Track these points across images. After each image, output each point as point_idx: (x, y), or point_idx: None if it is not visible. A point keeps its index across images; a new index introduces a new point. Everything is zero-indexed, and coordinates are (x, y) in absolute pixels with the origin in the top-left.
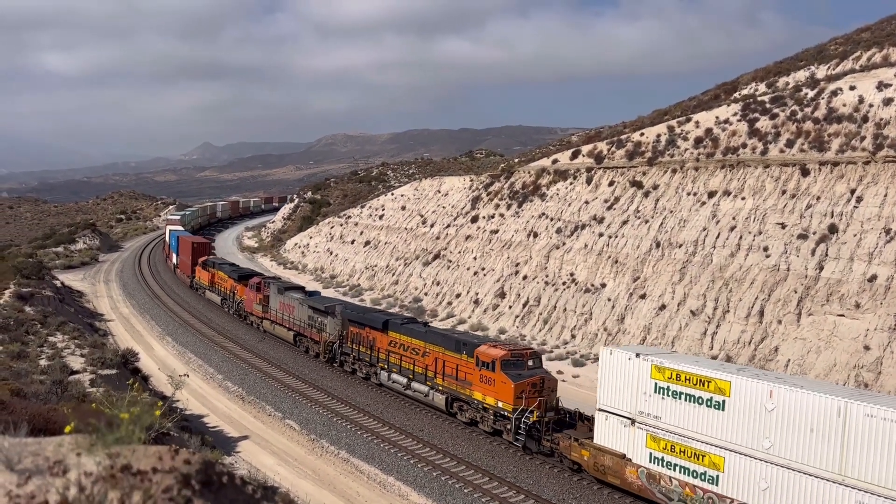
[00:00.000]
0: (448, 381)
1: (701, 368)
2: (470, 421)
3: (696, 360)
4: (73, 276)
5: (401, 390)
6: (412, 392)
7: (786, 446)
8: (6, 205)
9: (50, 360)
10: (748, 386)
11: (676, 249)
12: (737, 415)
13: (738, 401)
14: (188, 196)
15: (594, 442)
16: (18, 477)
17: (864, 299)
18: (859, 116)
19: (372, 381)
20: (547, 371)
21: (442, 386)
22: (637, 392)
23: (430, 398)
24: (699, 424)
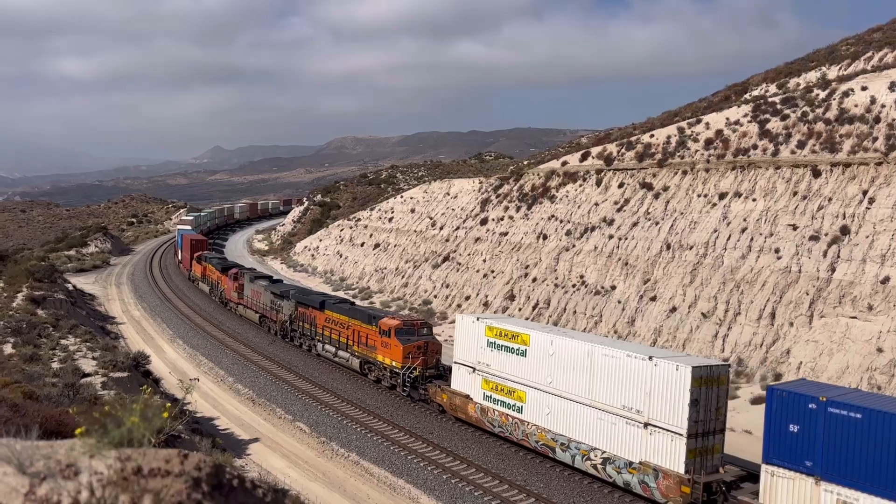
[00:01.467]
0: (361, 348)
1: (513, 326)
2: (376, 379)
3: (516, 320)
4: (85, 280)
5: (331, 358)
6: (339, 359)
7: (560, 381)
8: (19, 208)
9: (62, 362)
10: (539, 337)
11: (687, 251)
12: (533, 360)
13: (534, 349)
14: (199, 199)
15: (450, 388)
16: (31, 480)
17: (876, 301)
18: (871, 117)
19: (312, 352)
20: (433, 337)
21: (357, 352)
22: (476, 347)
23: (350, 363)
24: (512, 369)
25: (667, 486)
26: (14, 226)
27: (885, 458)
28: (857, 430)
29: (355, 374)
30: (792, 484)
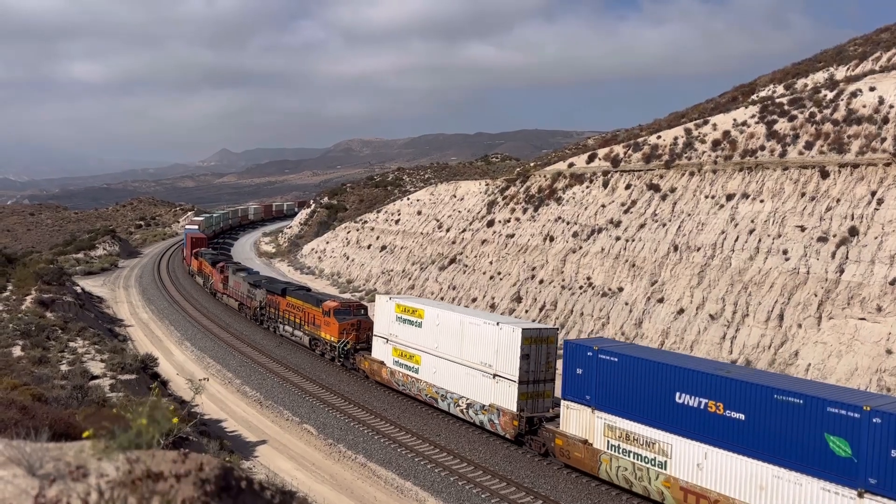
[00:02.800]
0: (310, 327)
1: (413, 303)
2: (321, 353)
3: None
4: (94, 282)
5: (289, 337)
6: (295, 337)
7: (443, 346)
8: (28, 211)
9: (70, 365)
10: (430, 311)
11: (695, 253)
12: (426, 330)
13: (427, 322)
14: (206, 202)
15: (371, 356)
16: (40, 482)
17: (885, 302)
18: (879, 117)
19: (277, 333)
20: (366, 317)
21: (307, 330)
22: (389, 321)
23: (302, 340)
24: (412, 338)
25: (504, 421)
26: (23, 229)
27: (630, 389)
28: (614, 370)
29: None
30: (578, 413)
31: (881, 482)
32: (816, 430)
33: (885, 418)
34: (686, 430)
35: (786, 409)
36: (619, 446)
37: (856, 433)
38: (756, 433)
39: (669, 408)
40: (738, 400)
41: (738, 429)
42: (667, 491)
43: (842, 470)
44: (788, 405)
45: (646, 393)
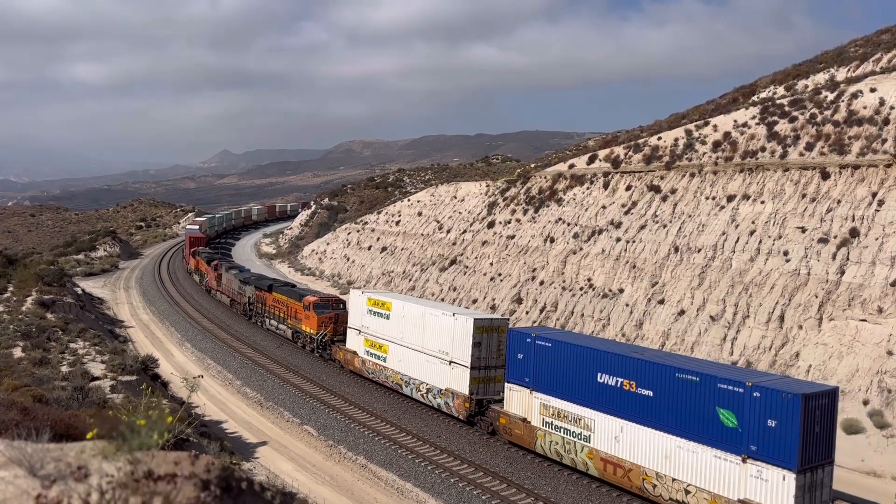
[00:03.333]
0: (292, 321)
1: (382, 296)
2: (303, 346)
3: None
4: (94, 283)
5: (274, 330)
6: (280, 331)
7: (407, 336)
8: (28, 213)
9: (71, 366)
10: (396, 304)
11: (695, 254)
12: (393, 322)
13: (394, 314)
14: (207, 203)
15: (345, 347)
16: (41, 482)
17: (886, 304)
18: (880, 119)
19: (263, 327)
20: (344, 310)
21: (290, 324)
22: (362, 314)
23: (286, 333)
24: (381, 329)
25: (457, 403)
26: (24, 230)
27: (561, 372)
28: (548, 354)
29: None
30: (519, 395)
31: (760, 448)
32: (710, 404)
33: (763, 392)
34: (606, 407)
35: (685, 386)
36: (552, 423)
37: (740, 406)
38: (662, 408)
39: (593, 387)
40: (647, 379)
41: (648, 404)
42: (590, 462)
43: (730, 439)
44: (688, 382)
45: (574, 374)
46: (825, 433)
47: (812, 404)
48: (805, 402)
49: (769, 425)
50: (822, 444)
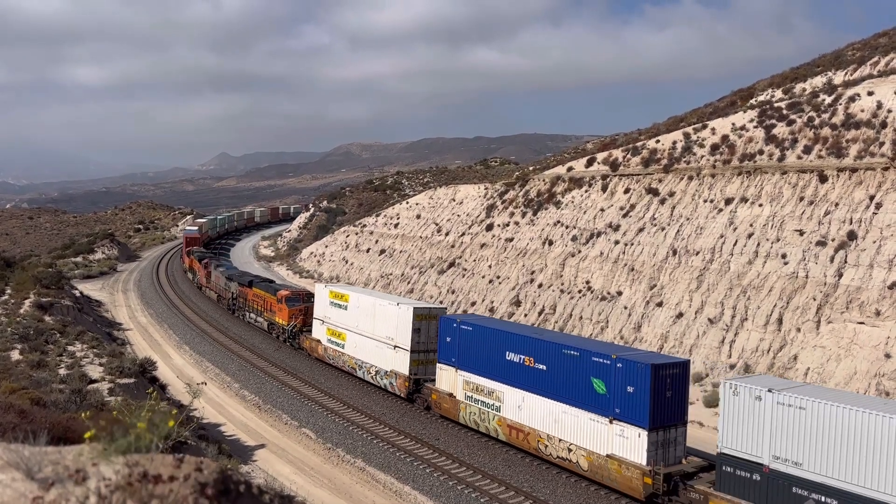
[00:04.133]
0: (268, 313)
1: (341, 289)
2: (277, 336)
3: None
4: (92, 286)
5: (253, 322)
6: (258, 323)
7: (361, 325)
8: (26, 215)
9: (69, 369)
10: (353, 296)
11: (693, 257)
12: (350, 312)
13: (351, 304)
14: (205, 206)
15: (311, 336)
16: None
17: (884, 307)
18: (878, 122)
19: (244, 319)
20: (311, 303)
21: (266, 316)
22: (325, 305)
23: (262, 325)
24: (340, 319)
25: (399, 383)
26: (22, 232)
27: (479, 352)
28: (469, 337)
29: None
30: (447, 373)
31: (622, 411)
32: (587, 375)
33: (624, 363)
34: (512, 381)
35: (569, 361)
36: (472, 396)
37: (608, 376)
38: (553, 380)
39: (503, 364)
40: (542, 355)
41: (542, 377)
42: (499, 428)
43: (600, 404)
44: (571, 357)
45: (488, 354)
46: (677, 398)
47: (662, 373)
48: (655, 371)
49: (628, 391)
50: (674, 407)
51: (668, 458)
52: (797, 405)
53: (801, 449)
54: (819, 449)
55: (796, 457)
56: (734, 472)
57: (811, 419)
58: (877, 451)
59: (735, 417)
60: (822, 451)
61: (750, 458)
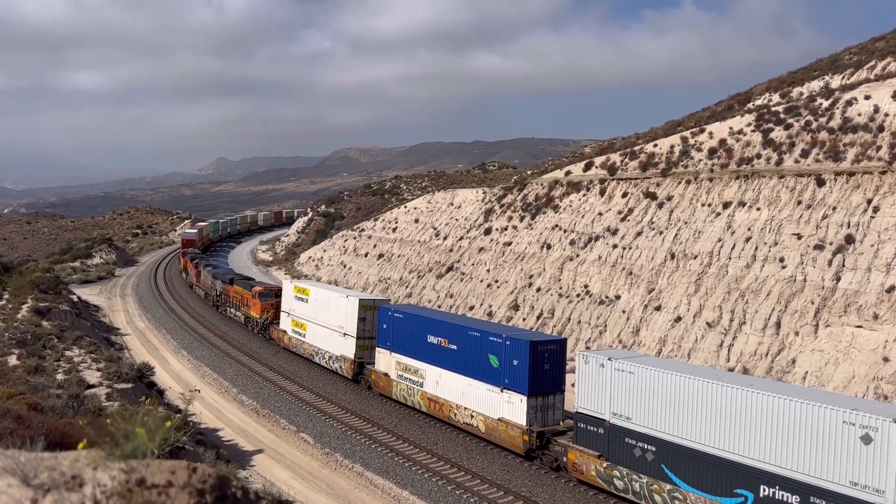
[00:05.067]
0: (244, 308)
1: (303, 284)
2: (252, 329)
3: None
4: (90, 291)
5: (233, 316)
6: (237, 318)
7: (319, 316)
8: (24, 220)
9: (66, 374)
10: (313, 290)
11: (691, 261)
12: (311, 305)
13: (312, 298)
14: (203, 210)
15: (279, 327)
16: (35, 491)
17: (882, 310)
18: (875, 126)
19: (226, 314)
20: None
21: (243, 311)
22: (290, 299)
23: (240, 319)
24: (303, 311)
25: (346, 366)
26: (19, 237)
27: (408, 336)
28: (400, 323)
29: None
30: (383, 356)
31: (510, 381)
32: (485, 352)
33: (511, 341)
34: (432, 360)
35: (473, 340)
36: (402, 375)
37: (500, 352)
38: (461, 358)
39: (425, 346)
40: (454, 337)
41: (454, 356)
42: (421, 401)
43: (495, 376)
44: (474, 337)
45: (414, 337)
46: (554, 371)
47: (540, 349)
48: (533, 347)
49: (514, 364)
50: (551, 378)
51: (547, 421)
52: (628, 370)
53: (631, 406)
54: (643, 406)
55: (628, 413)
56: (586, 428)
57: (637, 382)
58: (683, 407)
59: (586, 382)
60: (645, 408)
61: (596, 415)
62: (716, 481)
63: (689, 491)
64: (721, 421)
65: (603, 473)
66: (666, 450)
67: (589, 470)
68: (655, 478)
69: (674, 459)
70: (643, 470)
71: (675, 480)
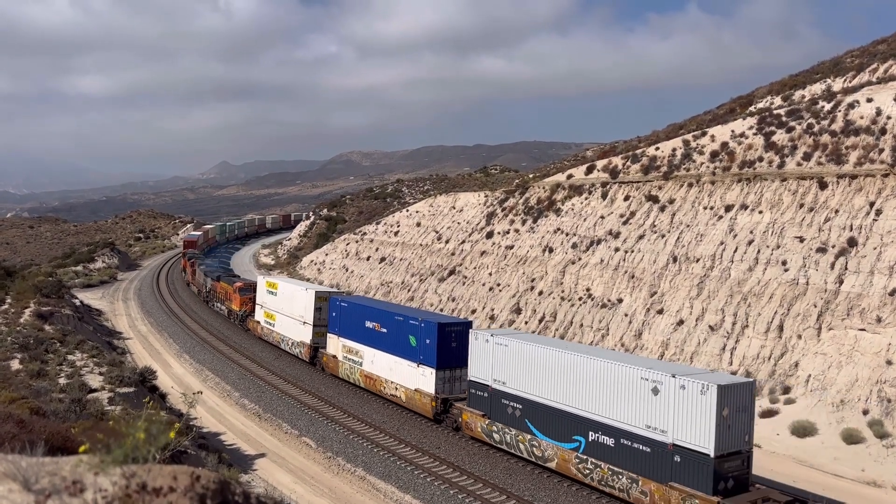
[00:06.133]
0: (227, 302)
1: (272, 279)
2: (233, 321)
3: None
4: (92, 295)
5: (219, 311)
6: (221, 311)
7: (285, 307)
8: (27, 224)
9: (69, 378)
10: (281, 285)
11: (694, 264)
12: (279, 298)
13: (280, 292)
14: (206, 214)
15: (254, 318)
16: (36, 497)
17: (885, 313)
18: (877, 129)
19: (213, 308)
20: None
21: (226, 304)
22: (263, 293)
23: (223, 312)
24: (273, 303)
25: (304, 351)
26: (22, 241)
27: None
28: (346, 311)
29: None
30: (333, 340)
31: (423, 358)
32: (407, 334)
33: (425, 324)
34: (368, 342)
35: (398, 324)
36: (346, 356)
37: (418, 333)
38: (389, 339)
39: (363, 330)
40: (384, 322)
41: (384, 338)
42: (360, 378)
43: (413, 354)
44: (398, 321)
45: (355, 323)
46: (460, 349)
47: (447, 330)
48: (440, 329)
49: (427, 343)
50: (458, 355)
51: (453, 390)
52: (504, 344)
53: (505, 373)
54: (513, 372)
55: (503, 378)
56: (476, 393)
57: (510, 353)
58: (537, 371)
59: (476, 355)
60: (515, 374)
61: (482, 382)
62: (560, 430)
63: (542, 439)
64: (561, 381)
65: (486, 429)
66: (528, 407)
67: (476, 427)
68: (521, 430)
69: (533, 414)
70: (513, 424)
71: (534, 431)
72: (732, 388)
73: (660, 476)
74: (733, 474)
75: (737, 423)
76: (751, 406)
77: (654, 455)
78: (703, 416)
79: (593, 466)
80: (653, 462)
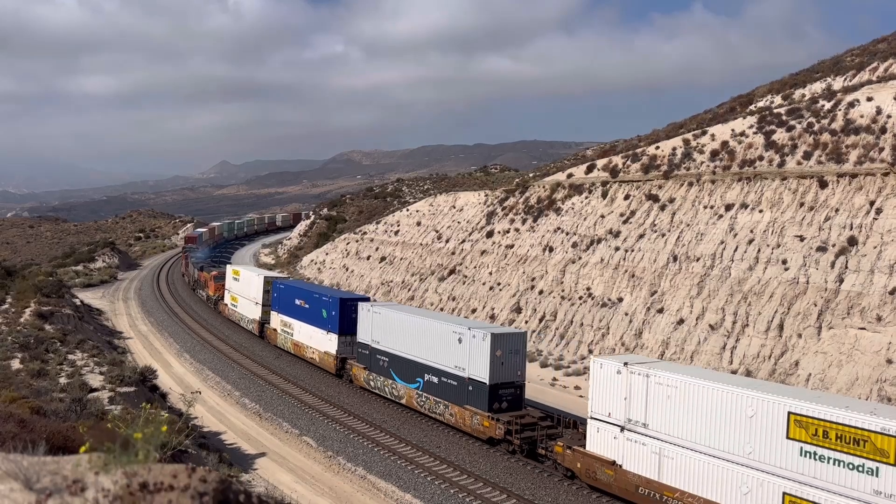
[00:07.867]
0: (207, 289)
1: (238, 268)
2: (209, 304)
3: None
4: (93, 295)
5: (201, 297)
6: (202, 296)
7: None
8: (27, 224)
9: (69, 377)
10: (242, 272)
11: (694, 263)
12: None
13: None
14: (206, 214)
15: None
16: (37, 496)
17: (885, 312)
18: (877, 128)
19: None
20: None
21: (206, 291)
22: (231, 280)
23: (204, 298)
24: (236, 288)
25: (255, 326)
26: (22, 241)
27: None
28: (283, 291)
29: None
30: (275, 316)
31: (331, 326)
32: (321, 308)
33: (332, 299)
34: (297, 316)
35: (316, 300)
36: (282, 329)
37: (328, 307)
38: (311, 313)
39: (294, 307)
40: (308, 299)
41: (308, 312)
42: (291, 347)
43: (325, 323)
44: (316, 298)
45: (289, 301)
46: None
47: (348, 304)
48: (342, 303)
49: (332, 314)
50: (353, 324)
51: (353, 352)
52: (378, 312)
53: (380, 335)
54: (384, 334)
55: (378, 339)
56: (361, 352)
57: (382, 319)
58: (395, 332)
59: (362, 322)
60: (385, 335)
61: (366, 343)
62: (409, 375)
63: (399, 383)
64: (410, 338)
65: (367, 379)
66: (392, 359)
67: (361, 378)
68: (387, 377)
69: (395, 364)
70: (383, 373)
71: (395, 377)
72: (504, 337)
73: (461, 402)
74: (507, 399)
75: (510, 362)
76: (523, 350)
77: (458, 387)
78: (483, 356)
79: (425, 399)
80: (458, 392)
